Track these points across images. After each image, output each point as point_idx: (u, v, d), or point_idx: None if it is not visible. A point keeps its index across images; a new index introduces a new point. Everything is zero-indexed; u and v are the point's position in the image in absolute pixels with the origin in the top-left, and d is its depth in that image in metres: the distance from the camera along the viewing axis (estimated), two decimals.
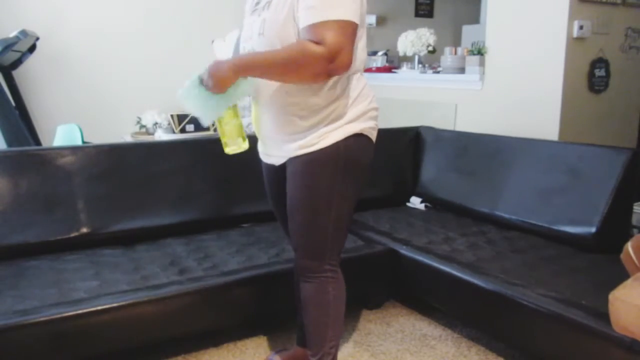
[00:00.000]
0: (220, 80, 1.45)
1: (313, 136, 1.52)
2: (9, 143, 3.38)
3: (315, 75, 1.41)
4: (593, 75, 3.09)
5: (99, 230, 2.34)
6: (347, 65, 1.40)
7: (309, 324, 1.69)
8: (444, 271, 2.15)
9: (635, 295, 1.32)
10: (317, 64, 1.37)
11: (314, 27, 1.37)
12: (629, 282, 1.38)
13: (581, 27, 2.95)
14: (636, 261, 1.44)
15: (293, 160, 1.56)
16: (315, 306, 1.66)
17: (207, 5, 4.60)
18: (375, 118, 1.63)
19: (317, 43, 1.36)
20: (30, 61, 3.88)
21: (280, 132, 1.57)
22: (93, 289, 1.89)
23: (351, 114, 1.54)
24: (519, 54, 3.19)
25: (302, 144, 1.53)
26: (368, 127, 1.58)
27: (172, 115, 4.26)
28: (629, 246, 1.48)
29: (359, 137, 1.56)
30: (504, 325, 1.98)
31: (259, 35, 1.50)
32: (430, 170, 3.10)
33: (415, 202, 3.08)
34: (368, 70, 4.54)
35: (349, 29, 1.39)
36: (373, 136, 1.61)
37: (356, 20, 1.40)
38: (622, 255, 1.53)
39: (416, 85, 4.03)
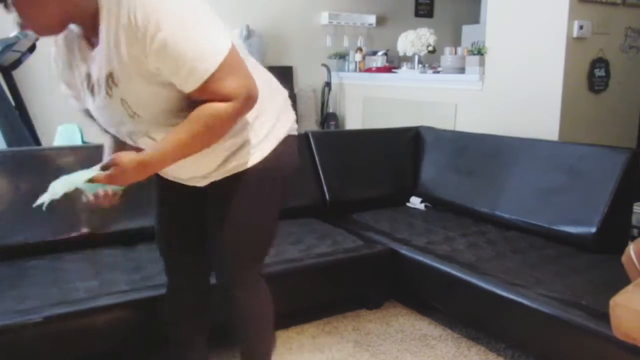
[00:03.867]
0: (126, 182, 1.31)
1: (239, 156, 1.37)
2: (9, 143, 3.37)
3: (234, 125, 1.27)
4: (593, 75, 3.09)
5: (99, 230, 2.33)
6: (257, 94, 1.24)
7: (249, 338, 1.60)
8: (444, 271, 2.15)
9: (636, 301, 1.31)
10: (236, 118, 1.23)
11: (205, 88, 1.17)
12: (630, 287, 1.36)
13: (581, 27, 2.95)
14: (638, 265, 1.43)
15: (220, 181, 1.42)
16: (256, 319, 1.58)
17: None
18: (290, 108, 1.50)
19: (222, 100, 1.19)
20: (30, 61, 3.88)
21: (200, 171, 1.41)
22: (93, 289, 1.89)
23: (272, 115, 1.41)
24: (519, 54, 3.19)
25: (229, 168, 1.39)
26: (290, 123, 1.47)
27: None
28: (631, 249, 1.47)
29: (285, 141, 1.43)
30: (504, 325, 1.98)
31: (130, 117, 1.27)
32: (430, 170, 3.10)
33: (415, 202, 3.08)
34: (368, 70, 4.38)
35: (235, 59, 1.19)
36: (295, 130, 1.49)
37: (228, 40, 1.19)
38: (623, 258, 1.51)
39: (416, 85, 4.02)
